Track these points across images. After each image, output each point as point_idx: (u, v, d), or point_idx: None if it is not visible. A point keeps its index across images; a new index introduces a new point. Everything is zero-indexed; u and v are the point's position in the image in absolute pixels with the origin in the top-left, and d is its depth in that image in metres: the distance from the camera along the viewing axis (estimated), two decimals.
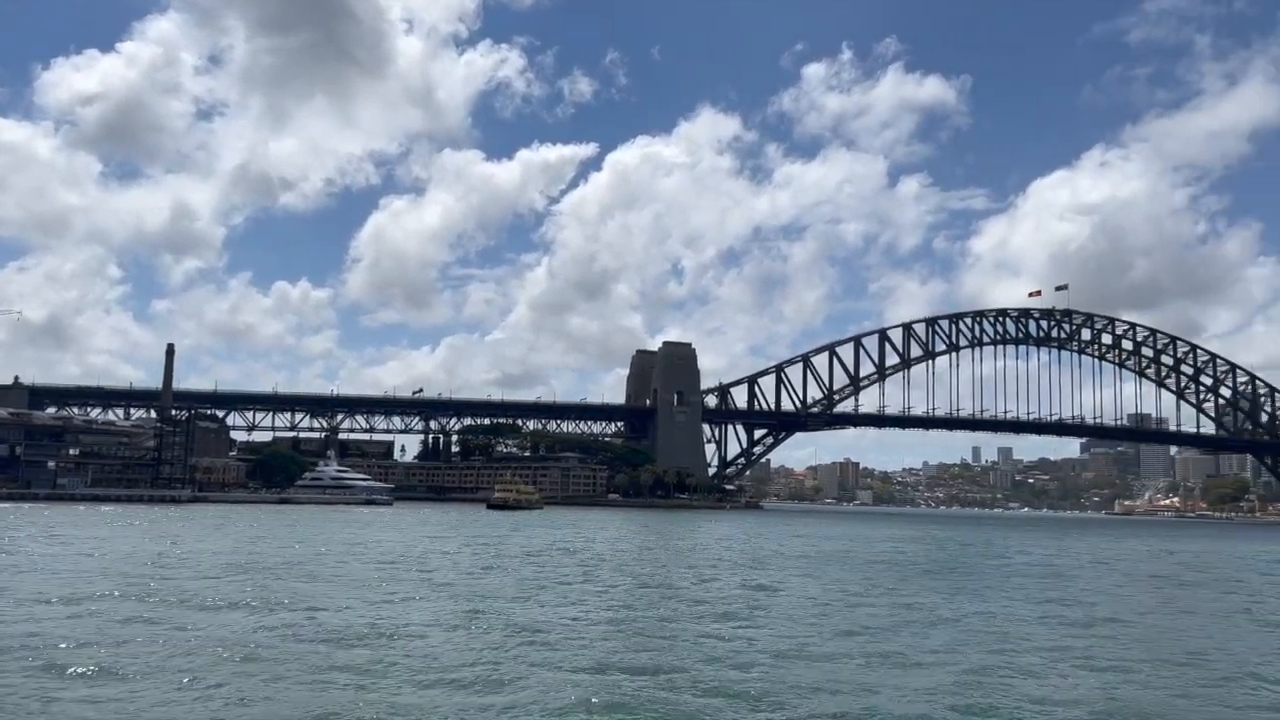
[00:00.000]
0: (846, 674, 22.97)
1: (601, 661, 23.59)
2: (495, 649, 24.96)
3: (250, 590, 35.99)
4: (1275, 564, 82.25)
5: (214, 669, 21.36)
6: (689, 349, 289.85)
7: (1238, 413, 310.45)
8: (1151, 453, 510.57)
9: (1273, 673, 25.42)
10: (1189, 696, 22.07)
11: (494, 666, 22.57)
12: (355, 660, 22.80)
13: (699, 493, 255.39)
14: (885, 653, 25.97)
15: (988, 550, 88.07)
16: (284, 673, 21.11)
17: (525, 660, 23.51)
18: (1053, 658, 26.39)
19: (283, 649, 24.01)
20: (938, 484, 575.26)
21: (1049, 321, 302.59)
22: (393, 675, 21.28)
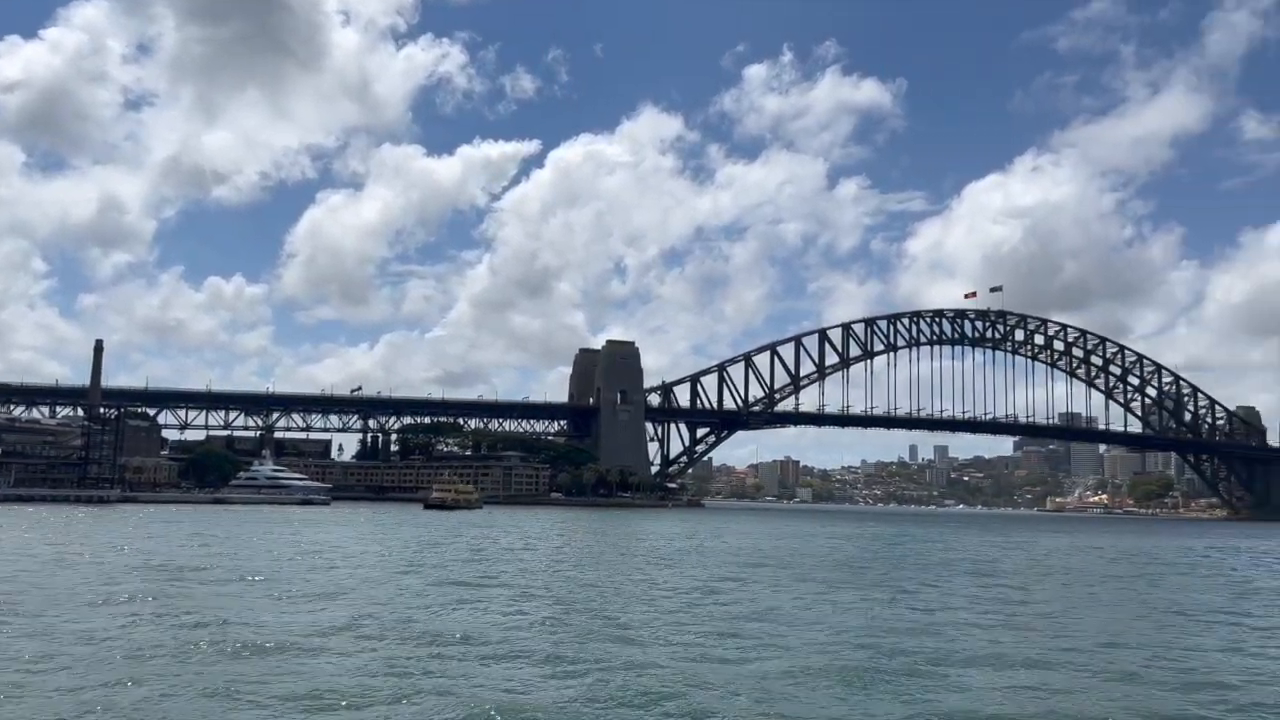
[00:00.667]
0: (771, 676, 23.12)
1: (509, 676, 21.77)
2: (385, 661, 22.84)
3: (144, 593, 34.37)
4: (1198, 558, 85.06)
5: (78, 676, 20.07)
6: (632, 348, 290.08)
7: (1163, 412, 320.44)
8: (1081, 451, 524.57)
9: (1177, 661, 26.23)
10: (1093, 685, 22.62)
11: (370, 679, 20.62)
12: (234, 670, 21.07)
13: (642, 491, 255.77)
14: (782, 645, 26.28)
15: (924, 546, 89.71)
16: (145, 678, 19.93)
17: (421, 674, 21.43)
18: (962, 645, 26.95)
19: (152, 655, 22.48)
20: (876, 482, 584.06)
21: (984, 322, 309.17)
22: (259, 690, 19.23)
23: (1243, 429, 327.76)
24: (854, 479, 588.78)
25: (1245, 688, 22.43)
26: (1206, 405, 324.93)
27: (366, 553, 60.03)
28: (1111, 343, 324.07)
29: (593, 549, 71.93)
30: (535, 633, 27.69)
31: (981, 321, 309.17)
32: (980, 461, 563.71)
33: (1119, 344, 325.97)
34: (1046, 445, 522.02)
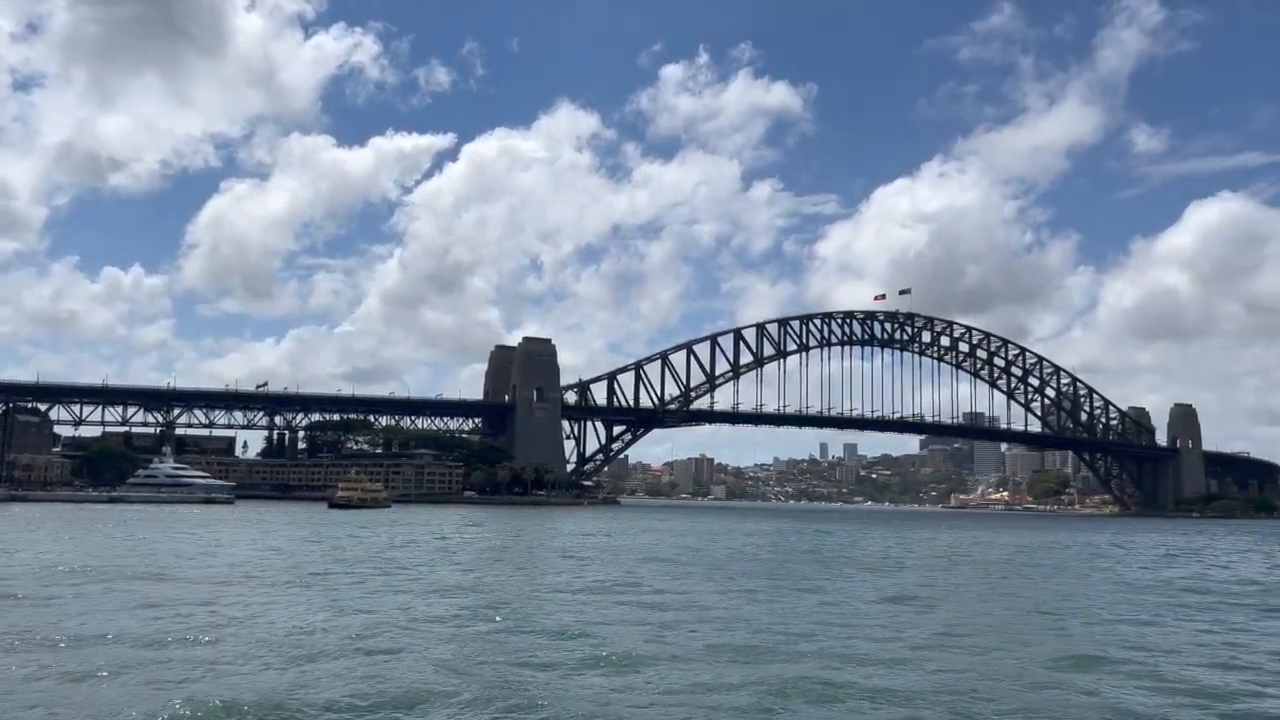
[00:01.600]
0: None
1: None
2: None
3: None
4: (1089, 553, 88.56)
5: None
6: (549, 345, 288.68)
7: (1061, 412, 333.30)
8: (984, 449, 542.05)
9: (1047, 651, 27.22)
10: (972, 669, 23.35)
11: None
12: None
13: (557, 489, 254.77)
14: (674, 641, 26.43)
15: (831, 542, 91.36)
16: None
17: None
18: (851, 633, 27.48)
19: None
20: (788, 479, 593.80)
21: (893, 324, 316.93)
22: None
23: (1134, 429, 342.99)
24: (767, 476, 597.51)
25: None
26: (1101, 406, 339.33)
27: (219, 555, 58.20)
28: (1013, 345, 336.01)
29: (493, 547, 71.20)
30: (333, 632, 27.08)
31: (890, 323, 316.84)
32: (888, 459, 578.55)
33: (1020, 346, 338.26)
34: (951, 444, 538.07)
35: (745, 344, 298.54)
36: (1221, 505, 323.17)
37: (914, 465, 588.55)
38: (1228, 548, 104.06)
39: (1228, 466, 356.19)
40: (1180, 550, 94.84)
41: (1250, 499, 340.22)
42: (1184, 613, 38.22)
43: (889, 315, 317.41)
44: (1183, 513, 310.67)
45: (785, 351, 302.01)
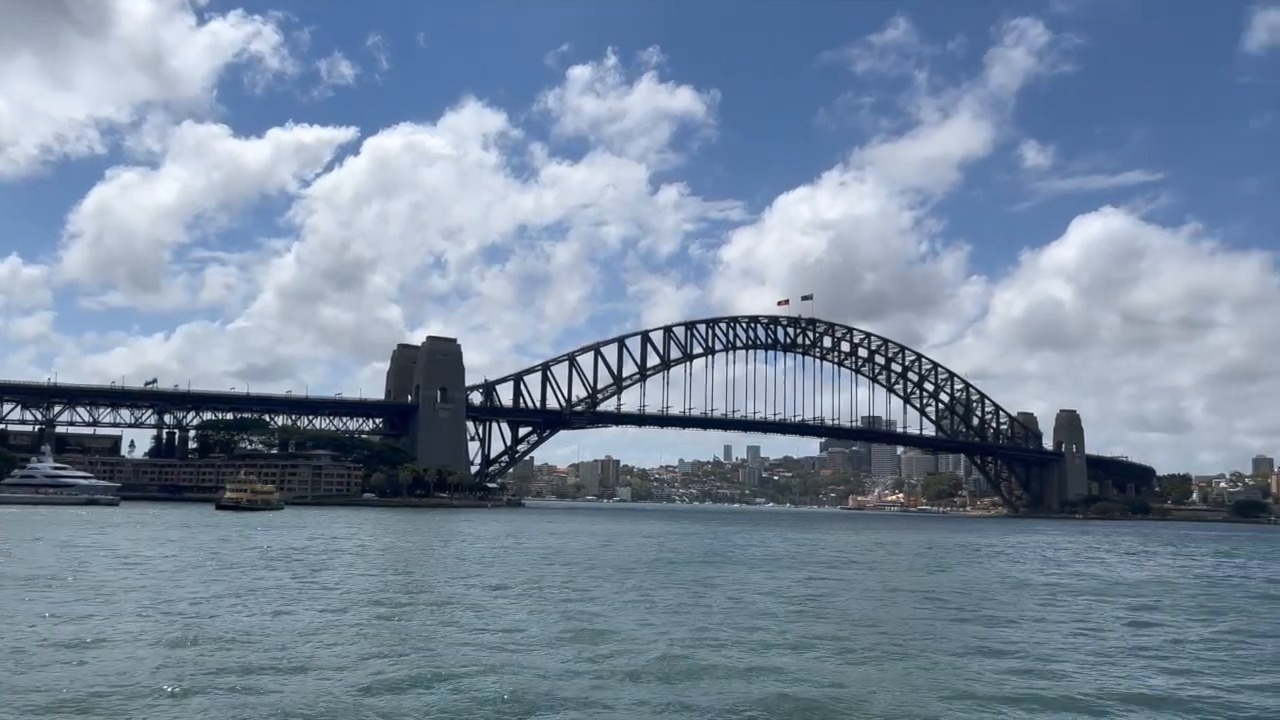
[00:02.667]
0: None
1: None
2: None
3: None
4: (968, 550, 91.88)
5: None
6: (454, 345, 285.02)
7: (954, 416, 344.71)
8: (881, 452, 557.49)
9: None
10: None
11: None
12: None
13: (461, 491, 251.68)
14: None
15: (729, 541, 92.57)
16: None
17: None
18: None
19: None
20: (692, 481, 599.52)
21: (795, 329, 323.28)
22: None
23: (1022, 434, 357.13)
24: (672, 478, 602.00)
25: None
26: (992, 411, 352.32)
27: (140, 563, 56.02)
28: (910, 351, 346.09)
29: (384, 549, 70.04)
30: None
31: (793, 328, 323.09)
32: (789, 461, 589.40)
33: (916, 352, 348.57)
34: (850, 447, 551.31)
35: (652, 346, 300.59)
36: (1102, 507, 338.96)
37: (814, 467, 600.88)
38: (1112, 547, 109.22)
39: (1108, 470, 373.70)
40: (1066, 549, 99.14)
41: (1128, 501, 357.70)
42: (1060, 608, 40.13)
43: (792, 320, 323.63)
44: (1066, 514, 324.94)
45: (691, 355, 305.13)
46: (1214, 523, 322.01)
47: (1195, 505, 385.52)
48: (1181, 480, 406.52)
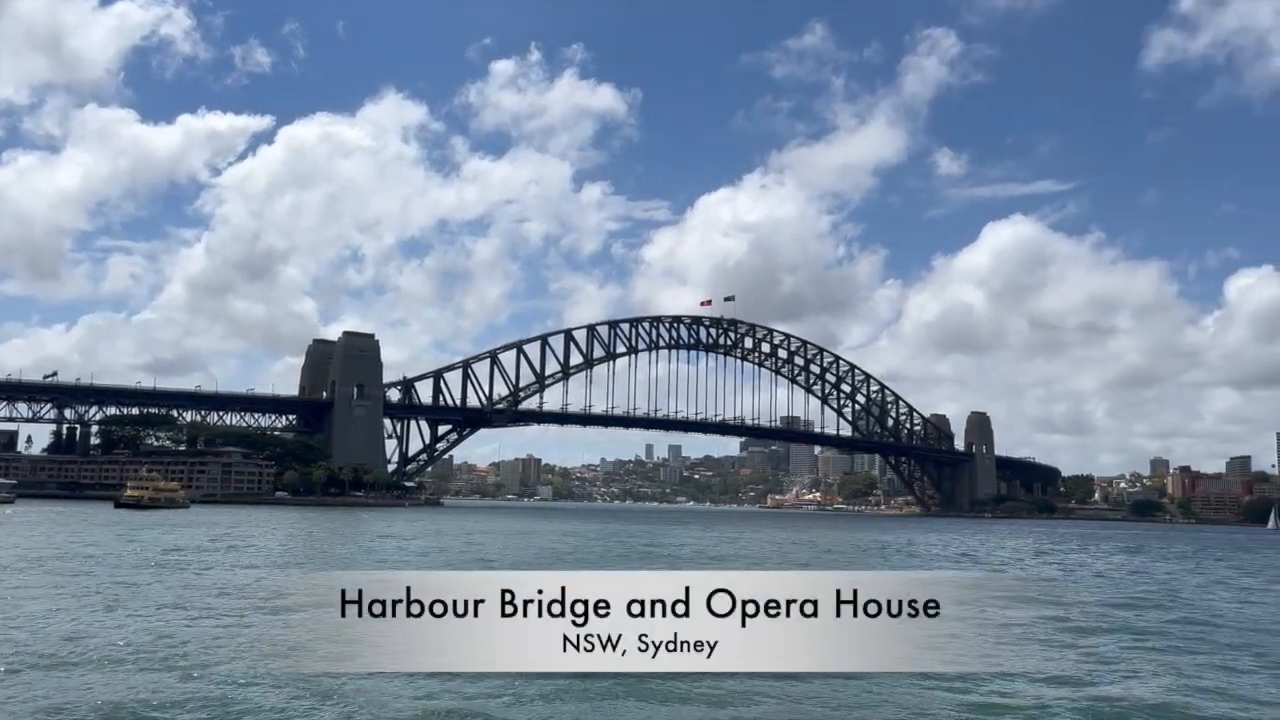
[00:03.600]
0: None
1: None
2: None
3: None
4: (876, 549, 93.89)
5: None
6: (371, 340, 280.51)
7: (870, 417, 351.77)
8: (799, 452, 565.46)
9: None
10: None
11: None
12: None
13: (377, 490, 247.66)
14: None
15: (647, 540, 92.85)
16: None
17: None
18: None
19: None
20: (614, 480, 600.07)
21: (717, 329, 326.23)
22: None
23: (935, 435, 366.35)
24: (593, 477, 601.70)
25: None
26: (906, 413, 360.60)
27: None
28: (828, 353, 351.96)
29: (279, 548, 68.48)
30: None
31: (715, 328, 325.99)
32: (710, 460, 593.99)
33: (834, 354, 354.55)
34: (769, 446, 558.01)
35: (575, 345, 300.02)
36: (1010, 506, 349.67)
37: (734, 466, 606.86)
38: (1018, 545, 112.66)
39: (1016, 470, 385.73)
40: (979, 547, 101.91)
41: (1035, 500, 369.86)
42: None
43: (714, 321, 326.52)
44: (976, 513, 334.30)
45: (615, 354, 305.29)
46: (1114, 521, 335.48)
47: (1097, 505, 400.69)
48: (1085, 481, 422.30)
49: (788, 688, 18.08)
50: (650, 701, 17.50)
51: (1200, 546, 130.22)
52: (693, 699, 17.68)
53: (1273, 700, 21.87)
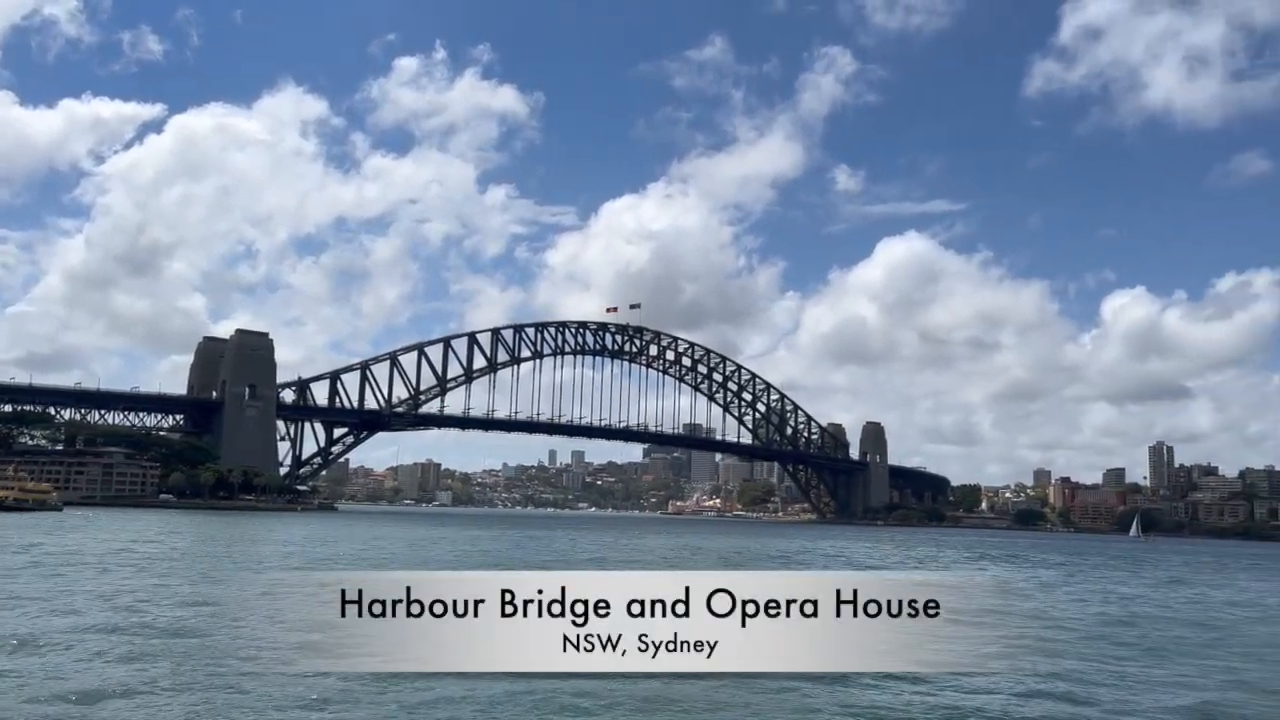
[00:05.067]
0: None
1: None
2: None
3: None
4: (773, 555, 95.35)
5: None
6: (265, 339, 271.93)
7: (770, 426, 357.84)
8: (701, 459, 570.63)
9: None
10: None
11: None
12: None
13: (268, 493, 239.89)
14: None
15: (545, 546, 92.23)
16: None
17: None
18: None
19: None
20: (515, 485, 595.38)
21: (623, 336, 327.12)
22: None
23: (831, 443, 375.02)
24: (495, 482, 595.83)
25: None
26: (804, 422, 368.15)
27: None
28: (730, 362, 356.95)
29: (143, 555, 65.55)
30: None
31: (621, 335, 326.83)
32: (613, 467, 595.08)
33: (736, 363, 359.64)
34: (672, 453, 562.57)
35: (479, 348, 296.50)
36: (901, 514, 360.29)
37: (637, 473, 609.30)
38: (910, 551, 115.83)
39: (908, 479, 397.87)
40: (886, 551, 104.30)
41: (925, 509, 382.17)
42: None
43: (620, 327, 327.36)
44: (869, 520, 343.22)
45: (519, 358, 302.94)
46: (999, 530, 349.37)
47: (984, 513, 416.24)
48: (972, 490, 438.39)
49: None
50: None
51: (1077, 554, 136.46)
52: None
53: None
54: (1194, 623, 41.17)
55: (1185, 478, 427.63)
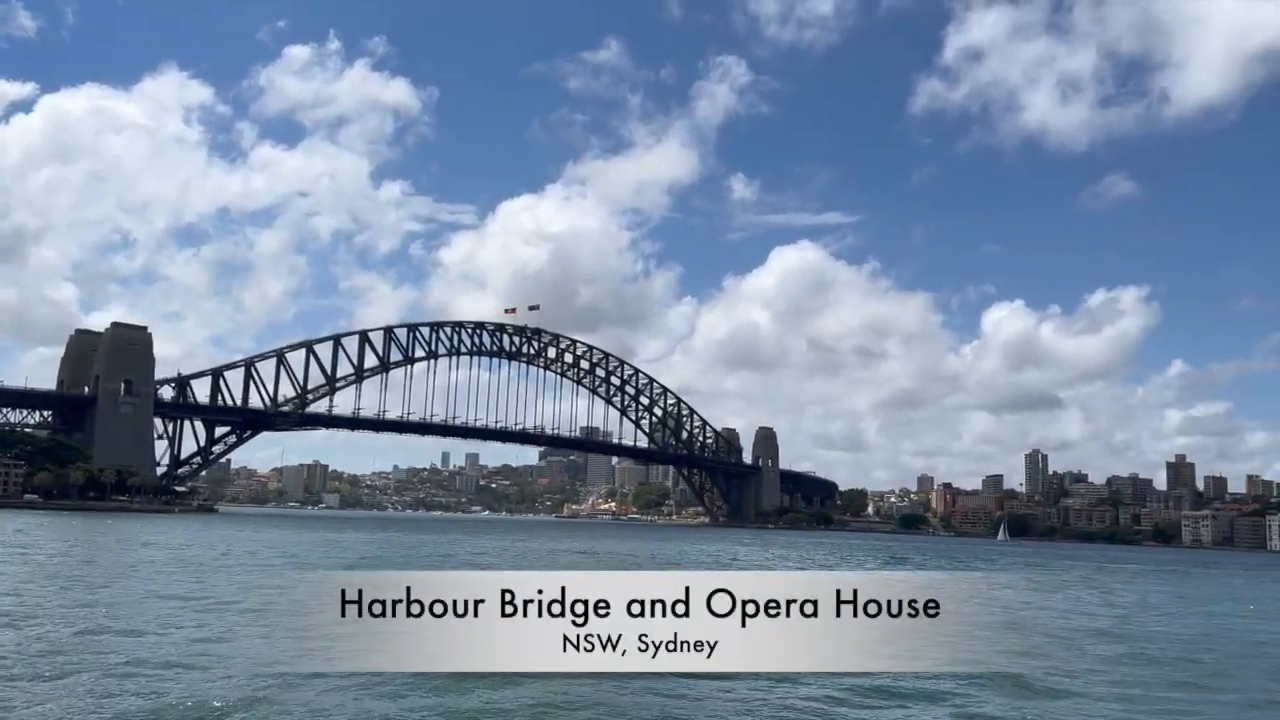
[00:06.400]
0: None
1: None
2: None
3: None
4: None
5: None
6: (143, 333, 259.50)
7: (666, 429, 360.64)
8: (597, 462, 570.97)
9: None
10: None
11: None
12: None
13: (144, 494, 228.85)
14: None
15: (434, 550, 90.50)
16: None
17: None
18: None
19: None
20: (407, 488, 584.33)
21: (520, 338, 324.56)
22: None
23: (725, 448, 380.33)
24: (385, 485, 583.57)
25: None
26: (700, 426, 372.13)
27: None
28: (628, 365, 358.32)
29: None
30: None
31: (519, 337, 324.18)
32: (508, 469, 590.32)
33: (634, 367, 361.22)
34: (568, 456, 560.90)
35: (371, 347, 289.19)
36: (791, 518, 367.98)
37: (532, 476, 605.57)
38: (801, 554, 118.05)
39: (798, 483, 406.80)
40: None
41: (814, 512, 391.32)
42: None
43: (518, 329, 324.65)
44: (761, 523, 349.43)
45: (413, 358, 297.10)
46: (883, 533, 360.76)
47: (870, 518, 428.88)
48: (859, 494, 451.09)
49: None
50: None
51: (947, 555, 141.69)
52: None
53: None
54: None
55: (1058, 484, 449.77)
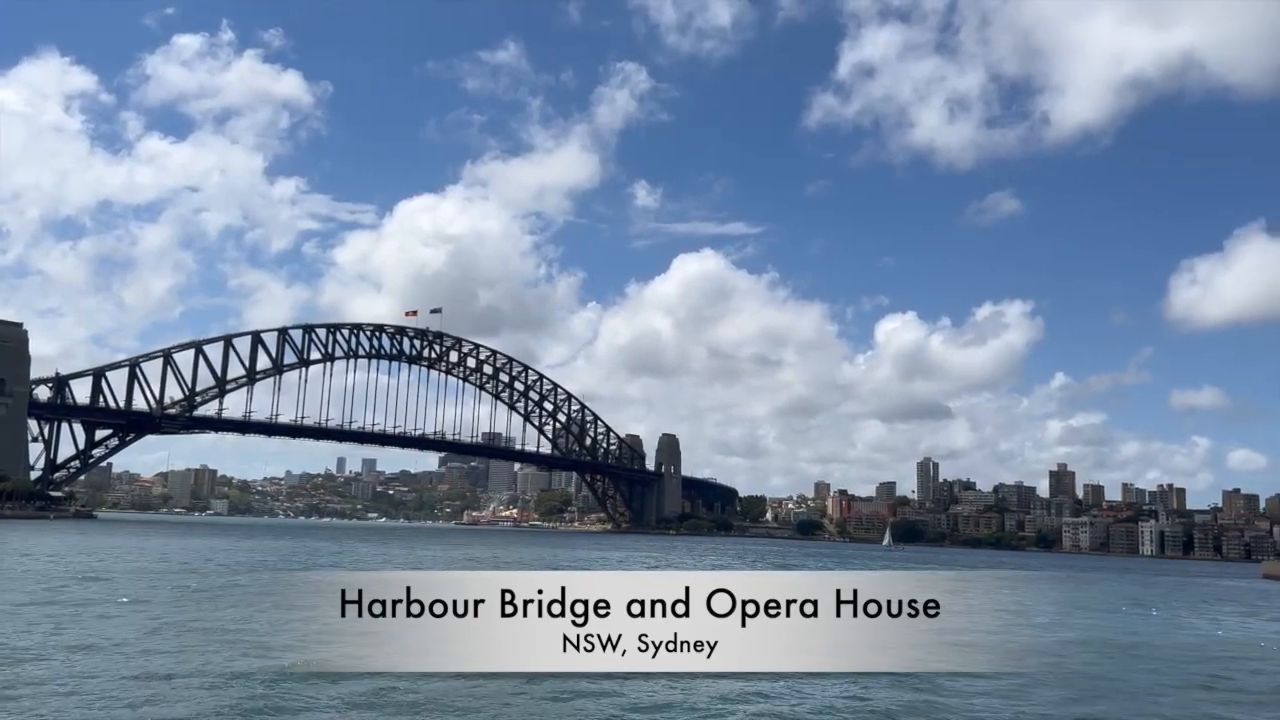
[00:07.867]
0: None
1: None
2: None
3: None
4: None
5: None
6: (19, 330, 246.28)
7: (569, 435, 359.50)
8: (499, 468, 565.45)
9: None
10: None
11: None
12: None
13: (15, 499, 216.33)
14: None
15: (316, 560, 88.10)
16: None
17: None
18: None
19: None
20: (300, 494, 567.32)
21: (421, 341, 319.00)
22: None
23: (629, 454, 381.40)
24: (276, 490, 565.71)
25: None
26: (603, 432, 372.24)
27: None
28: (532, 370, 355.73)
29: None
30: None
31: (420, 340, 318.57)
32: (406, 475, 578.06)
33: (538, 372, 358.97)
34: (469, 462, 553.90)
35: (264, 348, 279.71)
36: (692, 524, 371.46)
37: (432, 482, 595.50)
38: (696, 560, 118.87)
39: (699, 490, 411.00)
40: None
41: (714, 518, 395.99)
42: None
43: (419, 332, 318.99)
44: (662, 529, 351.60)
45: (308, 360, 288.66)
46: (782, 539, 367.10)
47: (769, 524, 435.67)
48: (759, 501, 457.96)
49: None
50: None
51: (837, 559, 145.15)
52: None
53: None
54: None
55: (948, 492, 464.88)
